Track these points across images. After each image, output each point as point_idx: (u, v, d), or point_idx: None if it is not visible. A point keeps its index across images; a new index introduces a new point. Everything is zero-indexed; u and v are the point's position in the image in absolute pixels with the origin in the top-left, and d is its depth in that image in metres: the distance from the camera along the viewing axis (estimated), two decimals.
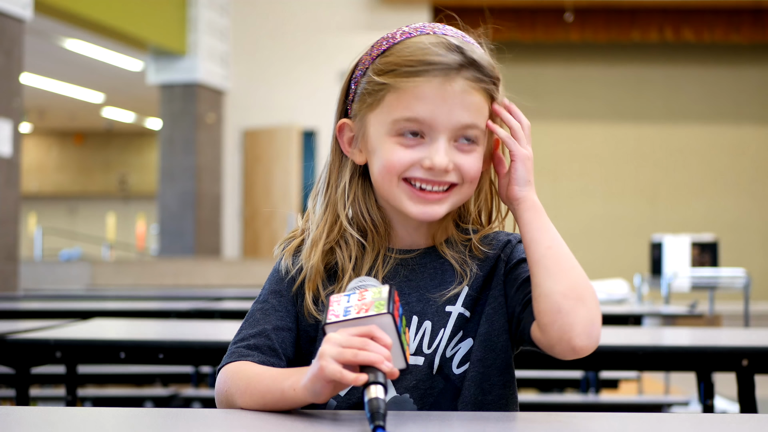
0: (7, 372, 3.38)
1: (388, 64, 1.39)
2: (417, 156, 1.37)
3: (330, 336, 1.20)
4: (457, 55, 1.38)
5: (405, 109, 1.37)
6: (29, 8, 7.15)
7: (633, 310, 4.47)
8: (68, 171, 20.67)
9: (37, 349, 2.40)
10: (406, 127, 1.37)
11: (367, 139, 1.42)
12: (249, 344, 1.40)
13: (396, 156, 1.38)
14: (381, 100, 1.39)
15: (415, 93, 1.37)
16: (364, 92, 1.42)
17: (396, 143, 1.38)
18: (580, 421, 1.26)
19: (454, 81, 1.37)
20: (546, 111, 12.59)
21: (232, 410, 1.34)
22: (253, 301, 1.48)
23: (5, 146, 6.81)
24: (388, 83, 1.38)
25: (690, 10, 11.90)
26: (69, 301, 5.45)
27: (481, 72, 1.40)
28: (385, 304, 1.22)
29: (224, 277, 9.89)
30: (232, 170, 11.62)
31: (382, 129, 1.39)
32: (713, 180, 12.61)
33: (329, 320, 1.23)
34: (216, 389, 1.38)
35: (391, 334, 1.21)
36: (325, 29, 11.60)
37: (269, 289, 1.47)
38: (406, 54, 1.38)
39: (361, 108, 1.42)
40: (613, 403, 4.58)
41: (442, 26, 1.46)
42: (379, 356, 1.17)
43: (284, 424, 1.24)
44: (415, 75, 1.37)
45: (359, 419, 1.25)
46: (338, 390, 1.21)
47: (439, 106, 1.36)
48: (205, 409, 1.43)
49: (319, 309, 1.44)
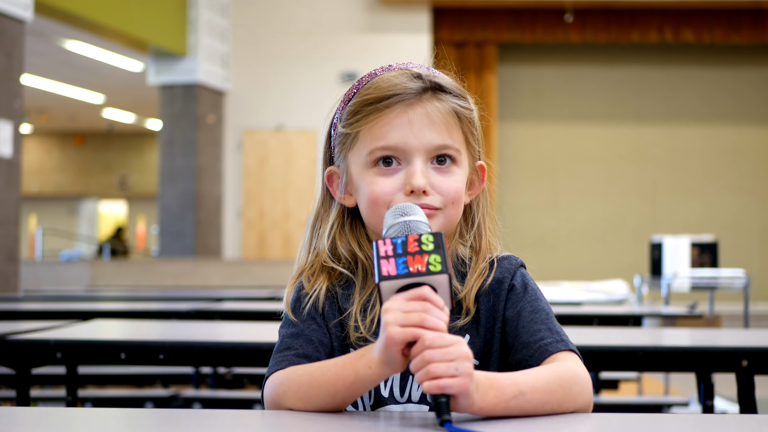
0: (7, 373, 3.38)
1: (356, 105, 1.46)
2: (398, 183, 1.41)
3: (387, 305, 1.20)
4: (418, 82, 1.44)
5: (377, 139, 1.42)
6: (30, 9, 7.15)
7: (633, 310, 4.46)
8: (69, 172, 20.67)
9: (37, 350, 2.40)
10: (381, 156, 1.42)
11: (351, 178, 1.47)
12: (298, 353, 1.40)
13: (378, 186, 1.42)
14: (356, 139, 1.45)
15: (384, 123, 1.42)
16: (341, 136, 1.48)
17: (375, 174, 1.43)
18: (580, 421, 1.26)
19: (418, 105, 1.43)
20: (546, 111, 12.59)
21: (232, 411, 1.34)
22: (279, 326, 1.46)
23: (6, 147, 6.81)
24: (359, 122, 1.44)
25: (690, 11, 11.90)
26: (69, 301, 5.45)
27: (444, 91, 1.45)
28: (440, 260, 1.20)
29: (224, 278, 9.89)
30: (233, 171, 11.62)
31: (360, 164, 1.44)
32: (713, 180, 12.61)
33: (385, 275, 1.20)
34: (266, 397, 1.36)
35: (444, 291, 1.21)
36: (325, 30, 11.60)
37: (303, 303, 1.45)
38: (371, 91, 1.45)
39: (341, 151, 1.48)
40: (613, 404, 4.58)
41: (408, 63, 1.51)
42: (442, 323, 1.19)
43: (287, 424, 1.24)
44: (381, 107, 1.43)
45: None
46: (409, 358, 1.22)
47: (408, 129, 1.41)
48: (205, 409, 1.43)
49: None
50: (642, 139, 12.65)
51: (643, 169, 12.63)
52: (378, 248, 1.22)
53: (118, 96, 15.59)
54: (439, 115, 1.43)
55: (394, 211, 1.32)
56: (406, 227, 1.27)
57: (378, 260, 1.21)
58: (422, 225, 1.28)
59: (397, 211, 1.31)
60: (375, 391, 1.40)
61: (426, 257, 1.20)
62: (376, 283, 1.21)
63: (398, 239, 1.22)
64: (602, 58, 12.61)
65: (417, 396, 1.40)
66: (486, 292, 1.44)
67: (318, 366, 1.33)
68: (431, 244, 1.21)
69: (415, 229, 1.27)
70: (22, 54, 7.08)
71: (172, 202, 10.88)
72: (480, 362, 1.41)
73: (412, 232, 1.26)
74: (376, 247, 1.22)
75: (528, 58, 12.49)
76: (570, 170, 12.62)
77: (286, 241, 11.46)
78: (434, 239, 1.21)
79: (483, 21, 11.78)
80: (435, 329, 1.18)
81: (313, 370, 1.32)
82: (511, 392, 1.23)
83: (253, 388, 5.32)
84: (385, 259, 1.21)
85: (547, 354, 1.36)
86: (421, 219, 1.29)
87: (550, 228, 12.51)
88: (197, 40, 10.83)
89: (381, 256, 1.21)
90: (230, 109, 11.60)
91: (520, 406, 1.24)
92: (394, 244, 1.22)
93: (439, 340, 1.18)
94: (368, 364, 1.25)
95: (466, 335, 1.42)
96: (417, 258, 1.20)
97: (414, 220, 1.29)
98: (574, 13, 11.70)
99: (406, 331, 1.18)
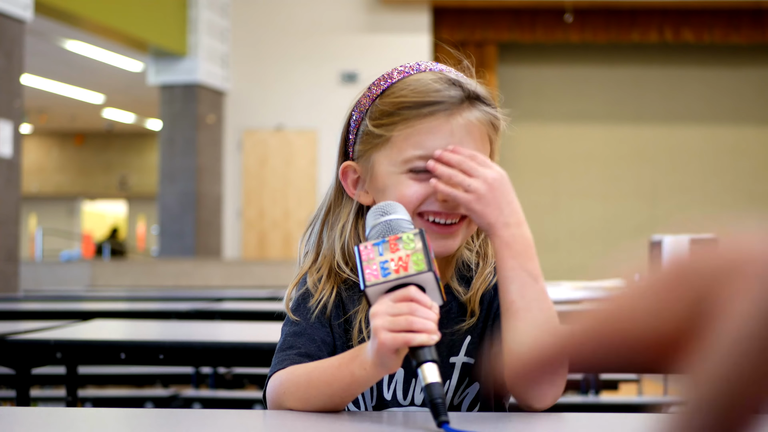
0: (7, 373, 3.38)
1: (390, 105, 1.42)
2: (431, 189, 1.38)
3: (375, 309, 1.20)
4: (458, 90, 1.42)
5: (416, 146, 1.39)
6: (30, 9, 7.15)
7: None
8: (68, 172, 20.68)
9: (37, 350, 2.40)
10: (419, 165, 1.39)
11: (375, 178, 1.43)
12: (300, 352, 1.39)
13: (411, 190, 1.39)
14: (388, 139, 1.41)
15: (424, 130, 1.39)
16: (368, 133, 1.44)
17: (409, 178, 1.40)
18: (580, 421, 1.26)
19: (459, 115, 1.40)
20: (546, 111, 12.60)
21: (232, 411, 1.34)
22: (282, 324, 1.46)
23: (6, 147, 6.81)
24: (395, 124, 1.41)
25: (690, 11, 11.91)
26: (69, 301, 5.45)
27: (483, 103, 1.44)
28: (423, 259, 1.20)
29: (224, 278, 9.89)
30: (233, 171, 11.62)
31: (392, 168, 1.41)
32: (713, 180, 12.62)
33: (369, 282, 1.20)
34: (268, 397, 1.36)
35: (432, 288, 1.21)
36: (325, 30, 11.60)
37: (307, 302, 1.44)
38: (409, 92, 1.41)
39: (366, 149, 1.44)
40: (613, 404, 4.59)
41: (434, 64, 1.48)
42: (430, 323, 1.19)
43: (288, 424, 1.24)
44: (422, 112, 1.39)
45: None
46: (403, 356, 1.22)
47: (448, 139, 1.39)
48: (205, 409, 1.43)
49: None
50: (642, 140, 12.66)
51: (643, 169, 12.63)
52: (360, 253, 1.22)
53: (118, 96, 15.59)
54: (479, 126, 1.42)
55: (375, 211, 1.31)
56: (388, 227, 1.27)
57: (361, 265, 1.22)
58: (404, 223, 1.28)
59: (378, 211, 1.31)
60: (378, 393, 1.40)
61: (409, 257, 1.20)
62: (361, 289, 1.22)
63: (379, 242, 1.23)
64: (602, 58, 12.62)
65: (420, 399, 1.40)
66: (486, 294, 1.45)
67: (316, 366, 1.33)
68: (412, 243, 1.21)
69: (396, 228, 1.26)
70: (22, 54, 7.08)
71: (172, 202, 10.88)
72: (474, 360, 1.42)
73: (393, 231, 1.26)
74: (358, 252, 1.23)
75: (528, 58, 12.49)
76: (570, 170, 12.63)
77: (286, 241, 11.46)
78: (415, 237, 1.22)
79: (483, 21, 11.78)
80: (423, 331, 1.18)
81: (311, 370, 1.32)
82: None
83: (253, 388, 5.32)
84: (368, 264, 1.21)
85: None
86: (403, 216, 1.29)
87: (550, 228, 12.51)
88: (197, 40, 10.84)
89: (363, 260, 1.22)
90: (230, 109, 11.61)
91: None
92: (375, 247, 1.22)
93: None
94: (363, 366, 1.25)
95: (467, 337, 1.43)
96: (400, 259, 1.21)
97: (395, 218, 1.28)
98: (574, 13, 11.70)
99: (396, 337, 1.17)
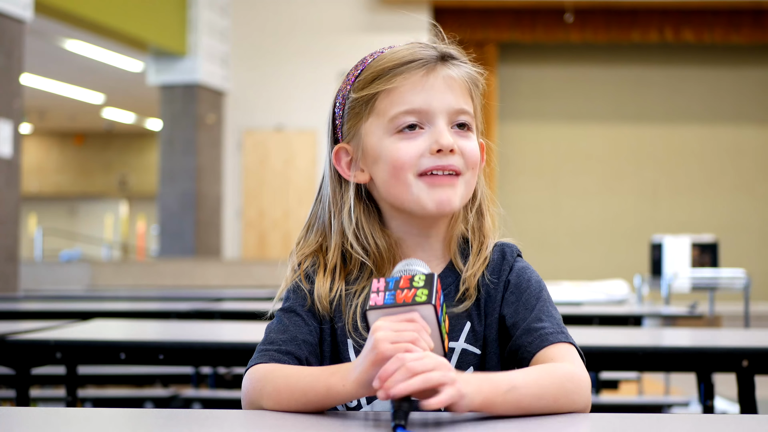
0: (7, 373, 3.38)
1: (369, 75, 1.44)
2: (423, 145, 1.40)
3: (378, 324, 1.21)
4: (433, 50, 1.44)
5: (399, 104, 1.41)
6: (29, 9, 7.15)
7: (633, 310, 4.46)
8: (68, 172, 20.67)
9: (37, 350, 2.40)
10: (405, 122, 1.41)
11: (366, 150, 1.44)
12: (281, 349, 1.39)
13: (402, 151, 1.40)
14: (372, 107, 1.43)
15: (405, 87, 1.41)
16: (352, 109, 1.45)
17: (398, 140, 1.41)
18: (580, 421, 1.26)
19: (437, 71, 1.43)
20: (546, 111, 12.59)
21: (231, 411, 1.34)
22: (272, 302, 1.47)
23: (5, 147, 6.81)
24: (375, 90, 1.42)
25: (690, 11, 11.90)
26: (69, 301, 5.45)
27: (458, 60, 1.46)
28: (427, 293, 1.23)
29: (224, 278, 9.89)
30: (233, 171, 11.62)
31: (380, 132, 1.42)
32: (713, 180, 12.61)
33: (371, 305, 1.24)
34: (244, 389, 1.36)
35: (431, 324, 1.23)
36: (325, 30, 11.60)
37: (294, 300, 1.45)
38: (385, 62, 1.44)
39: (353, 124, 1.45)
40: (613, 404, 4.58)
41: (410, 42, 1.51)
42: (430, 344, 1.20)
43: (288, 424, 1.24)
44: (400, 72, 1.42)
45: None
46: None
47: (430, 92, 1.41)
48: (205, 409, 1.43)
49: None
50: (642, 139, 12.65)
51: (643, 169, 12.63)
52: (372, 285, 1.26)
53: (118, 96, 15.59)
54: (457, 80, 1.43)
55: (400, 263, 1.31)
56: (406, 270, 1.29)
57: (369, 293, 1.25)
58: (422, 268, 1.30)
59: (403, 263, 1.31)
60: None
61: (414, 291, 1.23)
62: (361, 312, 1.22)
63: (392, 278, 1.26)
64: (602, 58, 12.61)
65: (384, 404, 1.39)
66: (487, 280, 1.44)
67: (294, 372, 1.32)
68: (422, 282, 1.24)
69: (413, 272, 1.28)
70: (21, 54, 7.08)
71: (172, 202, 10.88)
72: (480, 351, 1.42)
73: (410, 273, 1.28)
74: (371, 284, 1.26)
75: (528, 58, 12.49)
76: (570, 170, 12.62)
77: (286, 241, 11.46)
78: (426, 278, 1.25)
79: (483, 21, 11.78)
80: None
81: (290, 375, 1.32)
82: (504, 386, 1.23)
83: None
84: (376, 294, 1.25)
85: (546, 343, 1.36)
86: (423, 269, 1.29)
87: (551, 228, 12.51)
88: (197, 39, 10.83)
89: (372, 291, 1.25)
90: (230, 109, 11.60)
91: (516, 399, 1.23)
92: (387, 282, 1.26)
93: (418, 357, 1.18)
94: (343, 382, 1.24)
95: (467, 323, 1.42)
96: (405, 292, 1.24)
97: (415, 267, 1.29)
98: (574, 13, 11.69)
99: (398, 347, 1.17)
